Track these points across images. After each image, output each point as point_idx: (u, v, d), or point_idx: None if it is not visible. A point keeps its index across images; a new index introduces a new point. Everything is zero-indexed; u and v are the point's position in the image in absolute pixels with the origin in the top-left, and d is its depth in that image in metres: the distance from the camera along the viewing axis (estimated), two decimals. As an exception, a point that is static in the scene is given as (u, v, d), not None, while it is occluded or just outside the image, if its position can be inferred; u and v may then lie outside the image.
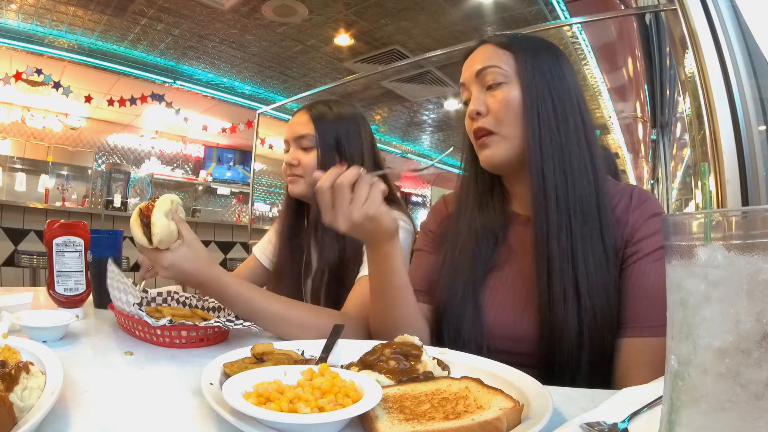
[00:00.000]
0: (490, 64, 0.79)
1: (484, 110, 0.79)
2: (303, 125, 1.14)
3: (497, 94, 0.79)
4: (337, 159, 1.11)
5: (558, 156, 0.75)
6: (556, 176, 0.75)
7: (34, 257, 3.90)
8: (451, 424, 0.43)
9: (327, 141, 1.12)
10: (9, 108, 5.33)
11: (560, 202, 0.74)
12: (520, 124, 0.77)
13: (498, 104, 0.78)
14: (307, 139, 1.13)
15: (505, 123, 0.78)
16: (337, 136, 1.12)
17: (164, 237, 0.75)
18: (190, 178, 6.78)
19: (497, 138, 0.79)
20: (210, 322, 0.76)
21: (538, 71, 0.78)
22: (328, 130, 1.12)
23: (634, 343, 0.69)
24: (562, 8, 3.26)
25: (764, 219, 0.30)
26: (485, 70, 0.80)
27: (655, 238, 0.73)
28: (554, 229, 0.73)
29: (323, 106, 1.17)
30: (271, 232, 1.33)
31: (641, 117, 3.12)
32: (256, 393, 0.46)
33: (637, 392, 0.52)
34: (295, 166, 1.15)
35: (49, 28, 4.08)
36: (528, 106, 0.77)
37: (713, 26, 1.47)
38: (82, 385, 0.55)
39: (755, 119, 1.41)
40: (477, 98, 0.80)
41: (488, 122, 0.79)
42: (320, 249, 1.11)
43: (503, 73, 0.79)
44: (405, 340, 0.63)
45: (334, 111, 1.15)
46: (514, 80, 0.78)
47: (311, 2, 3.55)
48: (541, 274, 0.74)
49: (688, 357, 0.32)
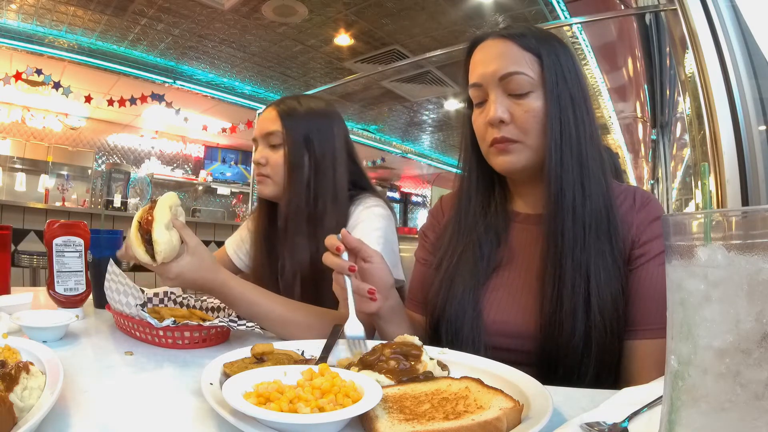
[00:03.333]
0: (517, 71, 0.74)
1: (507, 118, 0.75)
2: (271, 121, 1.08)
3: (523, 104, 0.75)
4: (306, 158, 1.05)
5: (577, 168, 0.73)
6: (574, 189, 0.73)
7: (34, 257, 3.90)
8: (451, 424, 0.43)
9: (295, 138, 1.05)
10: (9, 108, 5.34)
11: (577, 216, 0.72)
12: (543, 134, 0.75)
13: (524, 114, 0.75)
14: (275, 136, 1.07)
15: (530, 132, 0.75)
16: (307, 132, 1.06)
17: (168, 252, 0.73)
18: (190, 178, 6.78)
19: (520, 146, 0.76)
20: (214, 322, 0.76)
21: (561, 78, 0.75)
22: (296, 126, 1.06)
23: (642, 346, 0.69)
24: (562, 8, 3.26)
25: (764, 219, 0.30)
26: (511, 77, 0.74)
27: (660, 241, 0.72)
28: (569, 244, 0.71)
29: (292, 101, 1.10)
30: (243, 230, 1.27)
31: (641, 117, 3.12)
32: (256, 393, 0.46)
33: (637, 392, 0.52)
34: (263, 165, 1.09)
35: (49, 28, 4.09)
36: (552, 116, 0.74)
37: (713, 26, 1.47)
38: (82, 385, 0.55)
39: (755, 119, 1.41)
40: (500, 105, 0.75)
41: (511, 131, 0.75)
42: (291, 251, 1.05)
43: (530, 81, 0.74)
44: (405, 340, 0.63)
45: (303, 106, 1.09)
46: (539, 88, 0.75)
47: (311, 2, 3.55)
48: (551, 289, 0.72)
49: (688, 357, 0.32)
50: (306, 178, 1.05)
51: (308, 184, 1.05)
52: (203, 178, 6.83)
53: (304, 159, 1.06)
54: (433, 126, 6.58)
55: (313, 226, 1.03)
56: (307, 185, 1.05)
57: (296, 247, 1.04)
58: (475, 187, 0.86)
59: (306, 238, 1.03)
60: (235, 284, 0.81)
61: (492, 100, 0.76)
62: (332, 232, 1.00)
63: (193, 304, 0.95)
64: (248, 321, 0.78)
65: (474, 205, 0.85)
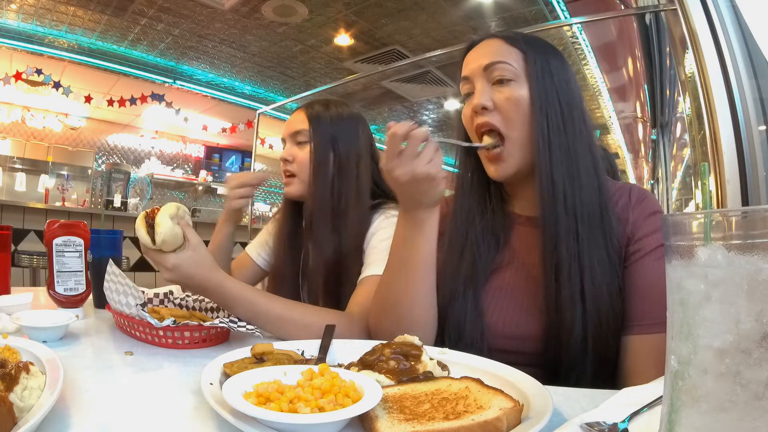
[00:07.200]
0: (499, 60, 0.77)
1: (490, 105, 0.77)
2: (299, 122, 1.14)
3: (505, 90, 0.77)
4: (331, 156, 1.10)
5: (566, 161, 0.74)
6: (564, 181, 0.74)
7: (34, 257, 3.90)
8: (451, 424, 0.43)
9: (322, 136, 1.11)
10: (9, 108, 5.33)
11: (568, 207, 0.73)
12: (528, 127, 0.76)
13: (505, 101, 0.77)
14: (302, 135, 1.13)
15: (513, 123, 0.77)
16: (333, 133, 1.11)
17: (168, 238, 0.75)
18: (190, 178, 6.77)
19: (508, 149, 0.77)
20: (214, 323, 0.76)
21: (546, 74, 0.77)
22: (323, 125, 1.12)
23: (640, 341, 0.69)
24: (562, 8, 3.26)
25: (764, 219, 0.30)
26: (494, 65, 0.77)
27: (657, 236, 0.73)
28: (563, 235, 0.73)
29: (320, 104, 1.16)
30: (265, 233, 1.32)
31: (641, 117, 3.12)
32: (256, 393, 0.46)
33: (637, 392, 0.52)
34: (290, 162, 1.14)
35: (49, 28, 4.08)
36: (537, 108, 0.75)
37: (713, 26, 1.47)
38: (82, 385, 0.55)
39: (755, 119, 1.41)
40: (483, 92, 0.78)
41: (494, 118, 0.77)
42: (316, 245, 1.10)
43: (512, 70, 0.77)
44: (405, 340, 0.63)
45: (331, 109, 1.15)
46: (523, 79, 0.77)
47: (311, 2, 3.55)
48: (549, 279, 0.73)
49: (688, 357, 0.32)
50: (330, 176, 1.09)
51: (332, 182, 1.09)
52: (203, 178, 6.83)
53: (329, 156, 1.10)
54: (433, 126, 6.58)
55: (337, 220, 1.07)
56: (332, 182, 1.09)
57: (322, 241, 1.08)
58: (470, 185, 0.86)
59: (330, 233, 1.07)
60: (232, 284, 0.81)
61: (477, 89, 0.79)
62: (355, 228, 1.05)
63: (193, 305, 0.95)
64: (247, 323, 0.78)
65: (469, 203, 0.85)
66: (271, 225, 1.30)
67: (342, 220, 1.06)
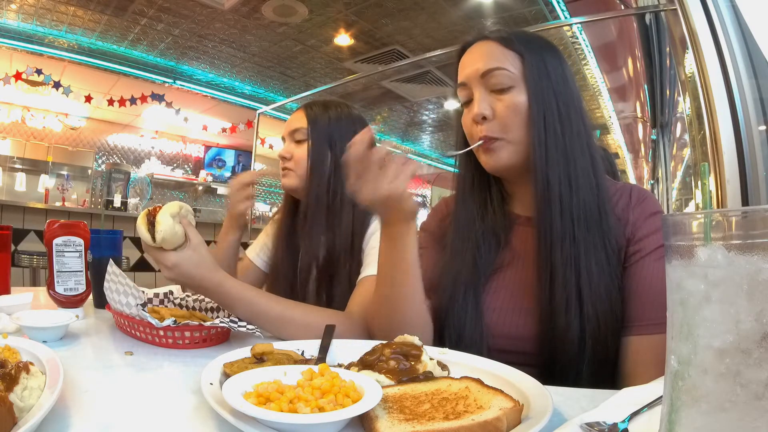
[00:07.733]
0: (497, 66, 0.76)
1: (490, 114, 0.77)
2: (298, 120, 1.15)
3: (505, 98, 0.76)
4: (328, 154, 1.10)
5: (563, 162, 0.74)
6: (560, 183, 0.74)
7: (34, 257, 3.90)
8: (451, 424, 0.43)
9: (319, 135, 1.12)
10: (9, 108, 5.33)
11: (564, 208, 0.73)
12: (526, 129, 0.76)
13: (506, 110, 0.76)
14: (300, 133, 1.14)
15: (512, 128, 0.76)
16: (331, 132, 1.12)
17: (168, 236, 0.75)
18: (190, 178, 6.77)
19: (502, 143, 0.77)
20: (214, 323, 0.76)
21: (544, 75, 0.76)
22: (321, 124, 1.12)
23: (640, 341, 0.69)
24: (562, 8, 3.26)
25: (764, 219, 0.30)
26: (492, 72, 0.77)
27: (657, 236, 0.73)
28: (558, 237, 0.72)
29: (320, 104, 1.17)
30: (264, 235, 1.32)
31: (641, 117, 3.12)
32: (256, 393, 0.46)
33: (637, 392, 0.52)
34: (288, 159, 1.15)
35: (49, 28, 4.08)
36: (534, 111, 0.75)
37: (713, 26, 1.47)
38: (82, 385, 0.55)
39: (755, 119, 1.41)
40: (482, 101, 0.77)
41: (494, 127, 0.77)
42: (308, 242, 1.09)
43: (511, 76, 0.76)
44: (405, 340, 0.63)
45: (330, 109, 1.16)
46: (521, 84, 0.76)
47: (311, 2, 3.55)
48: (544, 282, 0.73)
49: (688, 357, 0.32)
50: (327, 174, 1.10)
51: (329, 180, 1.10)
52: (203, 178, 6.83)
53: (326, 154, 1.10)
54: (433, 126, 6.58)
55: (331, 219, 1.07)
56: (328, 180, 1.10)
57: (314, 238, 1.08)
58: (471, 185, 0.86)
59: (324, 230, 1.07)
60: (232, 284, 0.81)
61: (476, 98, 0.78)
62: (349, 228, 1.05)
63: (193, 305, 0.95)
64: (247, 323, 0.78)
65: (470, 203, 0.85)
66: (270, 227, 1.30)
67: (336, 219, 1.07)
